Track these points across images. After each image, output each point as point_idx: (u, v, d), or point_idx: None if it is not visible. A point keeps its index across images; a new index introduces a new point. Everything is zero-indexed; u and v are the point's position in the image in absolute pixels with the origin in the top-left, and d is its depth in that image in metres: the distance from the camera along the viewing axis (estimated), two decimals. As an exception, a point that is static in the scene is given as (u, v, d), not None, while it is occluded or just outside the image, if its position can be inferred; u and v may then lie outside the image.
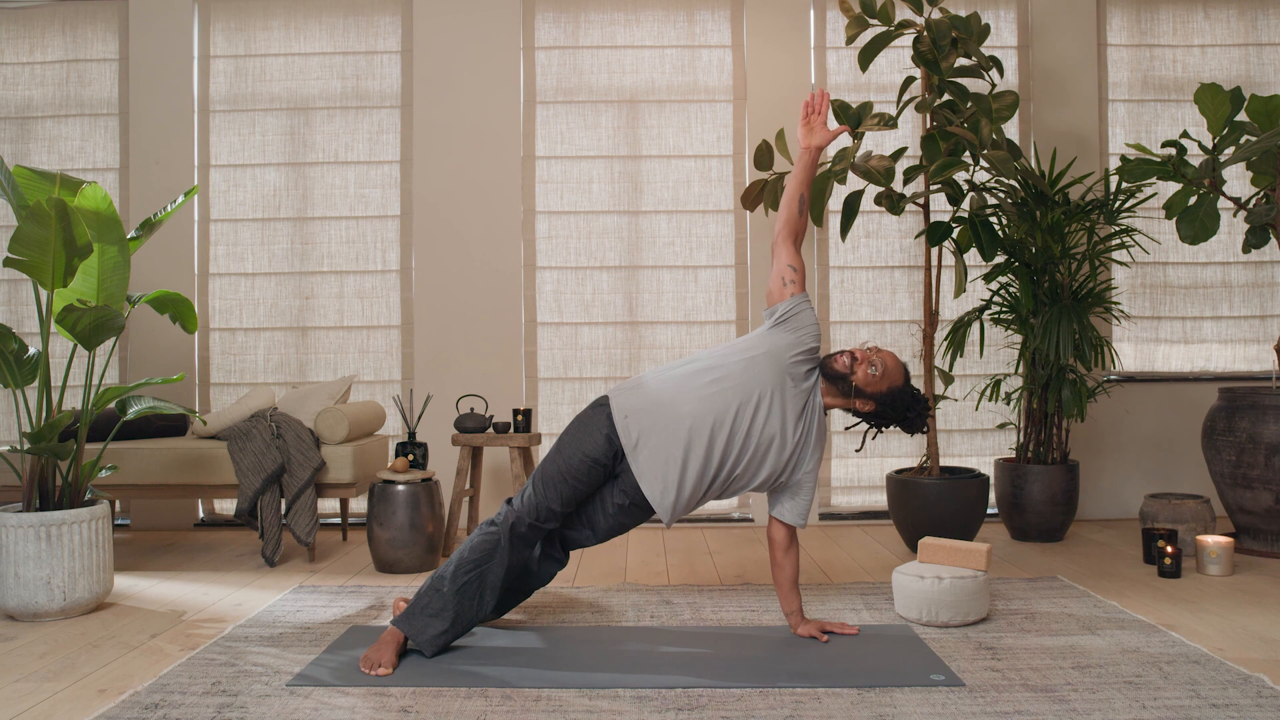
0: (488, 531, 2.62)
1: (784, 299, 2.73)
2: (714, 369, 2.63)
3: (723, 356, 2.67)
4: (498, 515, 2.65)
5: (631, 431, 2.59)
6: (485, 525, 2.65)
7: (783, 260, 2.76)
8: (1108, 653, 2.55)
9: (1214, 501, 4.58)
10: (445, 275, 4.71)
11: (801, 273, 2.76)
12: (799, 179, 2.81)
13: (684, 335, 4.77)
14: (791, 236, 2.79)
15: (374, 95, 4.81)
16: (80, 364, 4.64)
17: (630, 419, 2.59)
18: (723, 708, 2.18)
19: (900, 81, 4.51)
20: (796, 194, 2.79)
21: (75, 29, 4.83)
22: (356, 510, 4.74)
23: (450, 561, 2.61)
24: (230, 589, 3.40)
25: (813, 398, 2.67)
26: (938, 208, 4.53)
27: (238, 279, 4.80)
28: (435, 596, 2.56)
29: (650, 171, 4.79)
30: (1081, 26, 4.74)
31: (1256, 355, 4.83)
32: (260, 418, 3.94)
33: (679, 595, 3.23)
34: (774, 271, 2.77)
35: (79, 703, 2.27)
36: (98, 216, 3.07)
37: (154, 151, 4.74)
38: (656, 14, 4.80)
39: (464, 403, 4.63)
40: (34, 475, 3.09)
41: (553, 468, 2.63)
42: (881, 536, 4.32)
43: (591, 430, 2.63)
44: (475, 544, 2.61)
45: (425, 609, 2.56)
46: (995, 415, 4.73)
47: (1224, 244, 4.79)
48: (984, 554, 2.87)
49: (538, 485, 2.63)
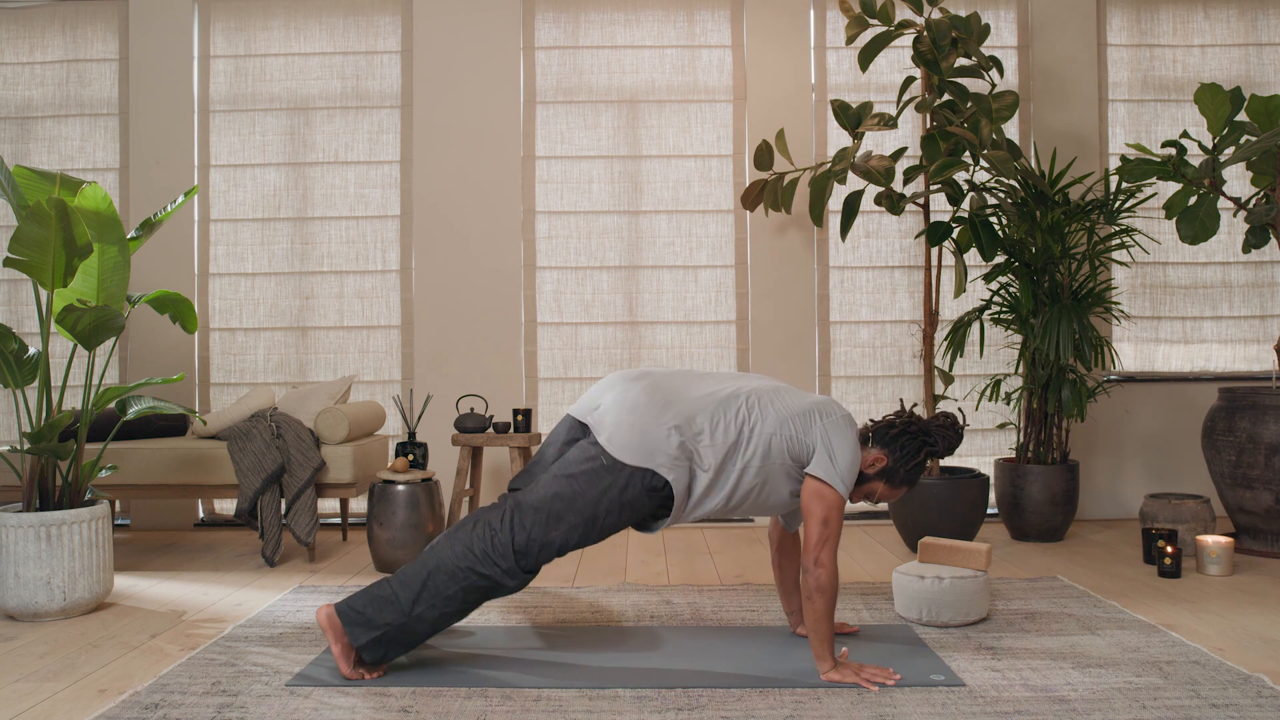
0: (483, 575, 2.34)
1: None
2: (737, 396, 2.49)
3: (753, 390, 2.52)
4: (484, 549, 2.34)
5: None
6: (471, 562, 2.34)
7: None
8: (1108, 653, 2.55)
9: (1214, 501, 4.57)
10: (445, 275, 4.71)
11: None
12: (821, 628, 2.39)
13: (684, 335, 4.77)
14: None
15: (374, 95, 4.81)
16: (80, 364, 4.64)
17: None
18: (723, 708, 2.18)
19: (900, 81, 4.51)
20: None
21: (75, 29, 4.83)
22: (356, 510, 4.74)
23: (428, 592, 2.33)
24: (230, 589, 3.40)
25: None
26: (938, 208, 4.53)
27: (238, 279, 4.80)
28: (393, 611, 2.33)
29: (650, 171, 4.79)
30: (1081, 26, 4.74)
31: (1256, 355, 4.83)
32: (260, 418, 3.94)
33: (679, 595, 3.22)
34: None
35: (79, 703, 2.27)
36: (98, 216, 3.07)
37: (154, 151, 4.74)
38: (656, 14, 4.80)
39: (464, 403, 4.63)
40: (34, 475, 3.09)
41: (585, 525, 2.38)
42: (881, 536, 4.32)
43: (638, 507, 2.41)
44: (462, 589, 2.34)
45: (380, 611, 2.34)
46: (995, 415, 4.72)
47: (1224, 244, 4.79)
48: (984, 554, 2.87)
49: (551, 526, 2.36)
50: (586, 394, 2.57)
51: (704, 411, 2.42)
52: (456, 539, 2.38)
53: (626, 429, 2.37)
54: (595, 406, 2.49)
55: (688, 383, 2.51)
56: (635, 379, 2.50)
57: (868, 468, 2.51)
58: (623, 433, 2.37)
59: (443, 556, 2.36)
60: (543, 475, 2.48)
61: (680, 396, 2.45)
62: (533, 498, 2.39)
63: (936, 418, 2.58)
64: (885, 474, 2.52)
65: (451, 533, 2.42)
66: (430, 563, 2.36)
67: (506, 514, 2.38)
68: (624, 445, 2.36)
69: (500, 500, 2.49)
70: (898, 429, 2.52)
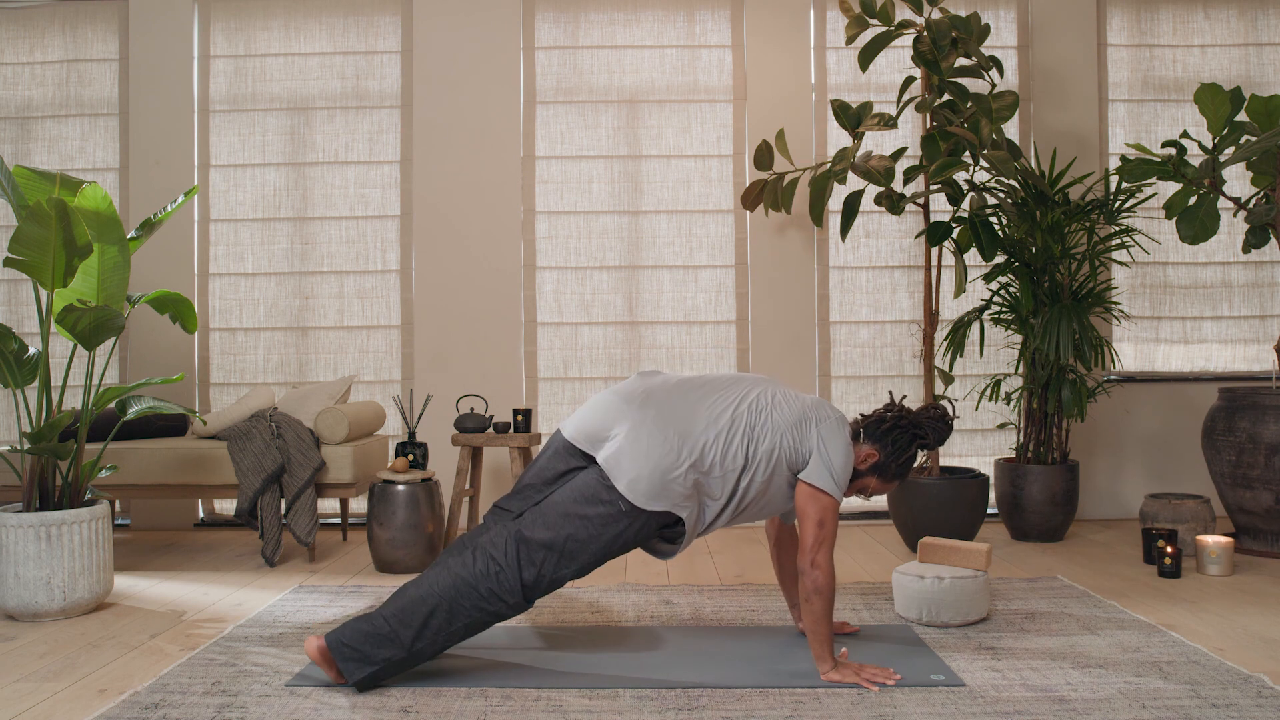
0: (488, 611, 2.31)
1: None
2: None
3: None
4: (490, 587, 2.29)
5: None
6: (476, 600, 2.29)
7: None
8: (1108, 653, 2.55)
9: (1214, 501, 4.57)
10: (445, 275, 4.71)
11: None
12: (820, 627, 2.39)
13: (684, 335, 4.77)
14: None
15: (374, 95, 4.81)
16: (80, 364, 4.64)
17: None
18: (723, 708, 2.18)
19: (900, 81, 4.51)
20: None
21: (75, 29, 4.83)
22: (356, 510, 4.74)
23: (430, 630, 2.27)
24: (230, 589, 3.40)
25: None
26: (938, 208, 4.53)
27: (238, 279, 4.80)
28: (392, 647, 2.28)
29: (650, 171, 4.79)
30: (1081, 26, 4.74)
31: (1256, 355, 4.83)
32: (260, 418, 3.94)
33: (679, 595, 3.22)
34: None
35: (79, 703, 2.27)
36: (98, 216, 3.07)
37: (154, 151, 4.74)
38: (656, 14, 4.80)
39: (464, 403, 4.63)
40: (34, 475, 3.09)
41: (595, 561, 2.37)
42: (881, 536, 4.32)
43: (647, 538, 2.42)
44: (465, 624, 2.30)
45: (376, 645, 2.28)
46: (995, 415, 4.72)
47: (1224, 244, 4.79)
48: (984, 554, 2.87)
49: (563, 565, 2.34)
50: (585, 413, 2.45)
51: (714, 443, 2.36)
52: (456, 574, 2.30)
53: (647, 479, 2.30)
54: (600, 438, 2.38)
55: (692, 403, 2.41)
56: (642, 404, 2.39)
57: (860, 464, 2.51)
58: (643, 484, 2.30)
59: (443, 593, 2.29)
60: (544, 501, 2.38)
61: (689, 424, 2.37)
62: (542, 534, 2.32)
63: (926, 409, 2.55)
64: (878, 469, 2.52)
65: (447, 563, 2.33)
66: (430, 600, 2.28)
67: (511, 549, 2.31)
68: (646, 494, 2.31)
69: (490, 520, 2.44)
70: (888, 424, 2.51)
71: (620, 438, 2.35)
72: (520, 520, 2.38)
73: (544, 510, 2.37)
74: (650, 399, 2.41)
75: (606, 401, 2.44)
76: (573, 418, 2.47)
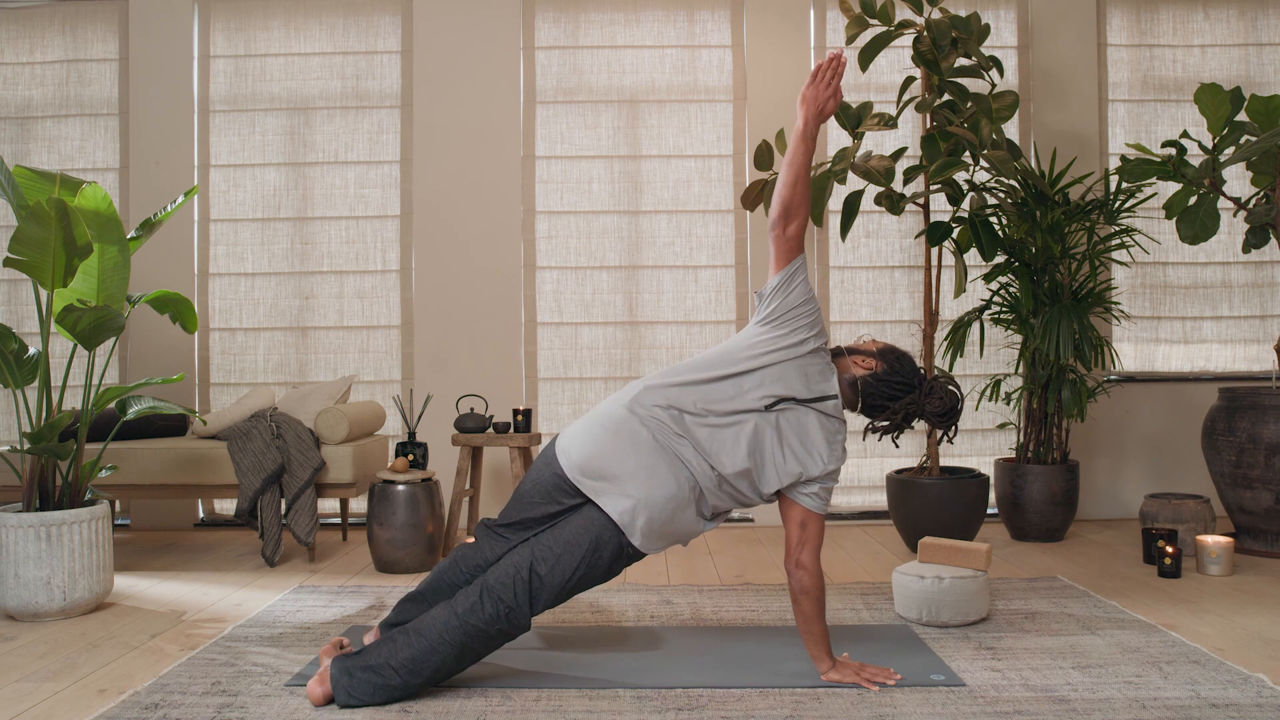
0: (493, 647, 2.28)
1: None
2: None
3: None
4: (502, 628, 2.23)
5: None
6: (487, 641, 2.24)
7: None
8: (1108, 653, 2.55)
9: (1214, 501, 4.57)
10: (445, 275, 4.71)
11: None
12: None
13: (684, 335, 4.77)
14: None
15: (374, 95, 4.81)
16: (80, 364, 4.64)
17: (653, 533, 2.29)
18: (723, 708, 2.18)
19: (900, 81, 4.51)
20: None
21: (75, 29, 4.83)
22: (356, 510, 4.74)
23: (440, 674, 2.24)
24: (230, 589, 3.40)
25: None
26: (938, 208, 4.53)
27: (238, 279, 4.80)
28: (400, 691, 2.23)
29: (650, 171, 4.79)
30: (1081, 26, 4.74)
31: (1256, 355, 4.83)
32: (260, 418, 3.94)
33: (679, 595, 3.23)
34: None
35: (79, 703, 2.27)
36: (98, 216, 3.07)
37: (154, 151, 4.74)
38: (656, 14, 4.80)
39: (464, 403, 4.63)
40: (34, 475, 3.09)
41: (594, 582, 2.32)
42: (881, 536, 4.32)
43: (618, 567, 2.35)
44: (471, 661, 2.28)
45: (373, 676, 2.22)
46: (995, 415, 4.73)
47: (1224, 244, 4.79)
48: (984, 554, 2.87)
49: (571, 594, 2.30)
50: (586, 442, 2.28)
51: (723, 484, 2.29)
52: (468, 622, 2.22)
53: (659, 533, 2.25)
54: (603, 476, 2.24)
55: (701, 440, 2.27)
56: (651, 445, 2.25)
57: (852, 369, 2.42)
58: (656, 538, 2.26)
59: (454, 642, 2.22)
60: (552, 539, 2.26)
61: (702, 470, 2.26)
62: (555, 578, 2.23)
63: (938, 391, 2.40)
64: (860, 387, 2.40)
65: (455, 610, 2.23)
66: (443, 651, 2.21)
67: (522, 591, 2.22)
68: (662, 544, 2.30)
69: (482, 540, 2.39)
70: (903, 379, 2.39)
71: (632, 493, 2.23)
72: (529, 557, 2.27)
73: (553, 551, 2.25)
74: (659, 432, 2.27)
75: (608, 433, 2.28)
76: (574, 444, 2.30)
